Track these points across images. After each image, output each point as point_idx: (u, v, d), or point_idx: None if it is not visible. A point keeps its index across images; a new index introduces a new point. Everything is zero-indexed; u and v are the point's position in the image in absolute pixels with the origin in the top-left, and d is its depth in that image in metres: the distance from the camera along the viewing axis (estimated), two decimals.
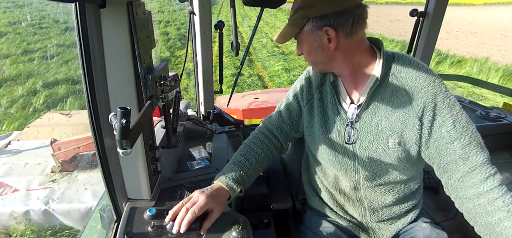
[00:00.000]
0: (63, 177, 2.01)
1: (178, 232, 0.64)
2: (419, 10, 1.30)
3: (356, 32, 0.67)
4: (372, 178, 0.74)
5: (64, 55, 7.64)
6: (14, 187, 1.85)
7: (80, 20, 0.55)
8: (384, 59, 0.69)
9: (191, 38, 1.22)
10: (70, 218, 1.74)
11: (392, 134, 0.69)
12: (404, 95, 0.68)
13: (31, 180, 1.93)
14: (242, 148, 0.84)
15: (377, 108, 0.70)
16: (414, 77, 0.67)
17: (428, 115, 0.66)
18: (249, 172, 0.78)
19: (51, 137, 2.10)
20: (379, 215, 0.79)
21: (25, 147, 2.30)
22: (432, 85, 0.66)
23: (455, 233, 0.96)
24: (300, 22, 0.68)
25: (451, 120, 0.65)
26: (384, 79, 0.70)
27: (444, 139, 0.65)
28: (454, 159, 0.65)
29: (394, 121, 0.68)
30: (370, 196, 0.77)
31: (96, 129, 0.62)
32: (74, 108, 4.55)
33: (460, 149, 0.64)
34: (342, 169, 0.77)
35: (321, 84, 0.81)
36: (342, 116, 0.75)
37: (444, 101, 0.65)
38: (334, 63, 0.71)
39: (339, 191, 0.83)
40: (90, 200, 1.80)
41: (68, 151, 2.02)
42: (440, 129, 0.65)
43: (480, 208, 0.62)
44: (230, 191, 0.73)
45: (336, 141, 0.76)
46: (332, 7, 0.64)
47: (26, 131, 2.53)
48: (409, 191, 0.78)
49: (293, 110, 0.85)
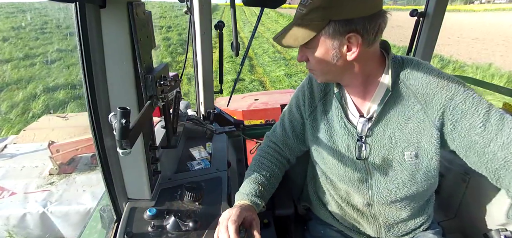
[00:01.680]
0: (61, 179, 2.00)
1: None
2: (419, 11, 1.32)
3: (376, 42, 0.60)
4: (387, 194, 0.68)
5: (66, 60, 7.64)
6: (11, 190, 1.83)
7: (80, 20, 0.55)
8: (392, 65, 0.63)
9: (191, 39, 1.22)
10: (69, 220, 1.72)
11: (408, 146, 0.63)
12: (417, 103, 0.62)
13: (28, 183, 1.91)
14: (252, 164, 0.81)
15: (389, 120, 0.64)
16: (425, 83, 0.61)
17: (448, 122, 0.59)
18: (266, 186, 0.75)
19: (48, 139, 2.08)
20: (395, 231, 0.75)
21: (22, 150, 2.28)
22: (446, 89, 0.59)
23: (455, 233, 0.96)
24: (319, 24, 0.57)
25: (479, 120, 0.56)
26: (394, 88, 0.63)
27: (479, 144, 0.57)
28: (501, 164, 0.56)
29: (409, 132, 0.62)
30: (385, 212, 0.72)
31: (96, 129, 0.62)
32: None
33: (500, 150, 0.55)
34: (353, 186, 0.72)
35: (325, 94, 0.74)
36: (351, 131, 0.68)
37: (465, 102, 0.57)
38: (346, 74, 0.63)
39: (352, 206, 0.77)
40: (89, 202, 1.78)
41: (66, 153, 2.00)
42: (469, 133, 0.57)
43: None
44: (254, 205, 0.69)
45: (346, 156, 0.70)
46: (363, 10, 0.55)
47: (23, 134, 2.51)
48: (425, 201, 0.74)
49: (296, 124, 0.80)
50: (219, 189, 0.83)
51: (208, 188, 0.81)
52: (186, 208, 0.74)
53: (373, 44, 0.60)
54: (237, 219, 0.61)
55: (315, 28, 0.58)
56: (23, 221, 1.69)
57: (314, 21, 0.58)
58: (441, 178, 1.09)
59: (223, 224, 0.62)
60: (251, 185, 0.74)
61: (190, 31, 1.15)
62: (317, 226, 0.86)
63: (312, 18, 0.58)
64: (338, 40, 0.58)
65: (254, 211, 0.68)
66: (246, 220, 0.64)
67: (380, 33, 0.59)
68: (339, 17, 0.56)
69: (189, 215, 0.71)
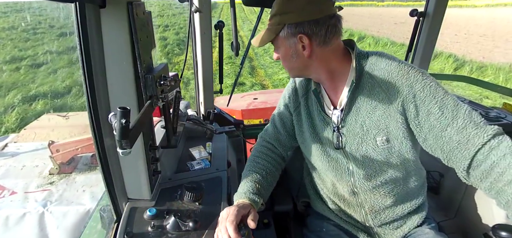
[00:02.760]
0: (61, 179, 2.00)
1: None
2: (419, 10, 1.31)
3: (330, 41, 0.68)
4: (368, 179, 0.74)
5: (54, 63, 7.28)
6: (11, 189, 1.83)
7: (80, 20, 0.55)
8: (357, 60, 0.70)
9: (191, 39, 1.22)
10: (68, 220, 1.72)
11: (379, 131, 0.69)
12: (381, 92, 0.68)
13: (28, 182, 1.91)
14: (248, 165, 0.84)
15: (359, 109, 0.71)
16: (387, 72, 0.67)
17: (409, 108, 0.65)
18: (262, 183, 0.78)
19: (48, 138, 2.08)
20: (382, 218, 0.78)
21: (22, 149, 2.27)
22: (406, 77, 0.65)
23: (455, 233, 0.96)
24: (276, 27, 0.70)
25: (436, 106, 0.63)
26: (360, 80, 0.70)
27: (436, 128, 0.63)
28: (454, 146, 0.62)
29: (377, 119, 0.69)
30: (370, 200, 0.77)
31: (96, 129, 0.62)
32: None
33: (455, 134, 0.61)
34: (337, 174, 0.77)
35: (306, 91, 0.82)
36: (328, 123, 0.76)
37: (423, 90, 0.64)
38: (309, 69, 0.73)
39: (338, 197, 0.82)
40: (88, 202, 1.78)
41: (66, 152, 2.00)
42: (428, 118, 0.64)
43: (494, 187, 0.58)
44: (253, 203, 0.71)
45: (327, 147, 0.77)
46: (307, 16, 0.66)
47: (23, 133, 2.51)
48: (410, 190, 0.77)
49: (286, 120, 0.86)
50: (219, 189, 0.83)
51: (208, 188, 0.81)
52: (186, 208, 0.74)
53: (327, 44, 0.68)
54: (235, 218, 0.63)
55: (275, 31, 0.71)
56: (22, 221, 1.69)
57: (274, 26, 0.70)
58: (441, 178, 1.09)
59: (222, 224, 0.63)
60: (247, 184, 0.76)
61: (190, 31, 1.15)
62: (316, 221, 0.88)
63: (273, 23, 0.71)
64: (292, 40, 0.69)
65: (253, 208, 0.70)
66: (244, 217, 0.66)
67: (330, 34, 0.67)
68: (290, 21, 0.68)
69: (189, 215, 0.71)
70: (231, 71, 6.82)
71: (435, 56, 8.30)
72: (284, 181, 0.92)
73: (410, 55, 1.43)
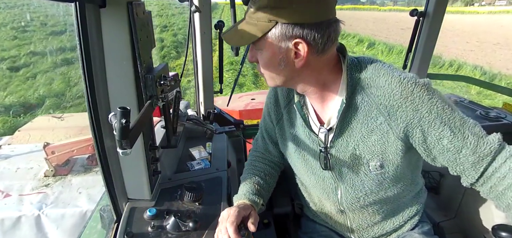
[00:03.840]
0: (57, 181, 1.97)
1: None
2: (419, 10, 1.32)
3: (328, 50, 0.57)
4: (357, 201, 0.68)
5: (36, 66, 6.39)
6: (5, 192, 1.79)
7: (80, 20, 0.55)
8: (348, 73, 0.60)
9: (191, 39, 1.22)
10: (64, 223, 1.70)
11: (373, 157, 0.61)
12: (380, 116, 0.59)
13: (23, 184, 1.88)
14: (246, 168, 0.82)
15: (352, 132, 0.62)
16: (388, 94, 0.57)
17: (415, 133, 0.58)
18: (262, 184, 0.76)
19: (43, 140, 2.05)
20: (370, 234, 0.75)
21: (17, 151, 2.23)
22: (410, 99, 0.56)
23: (455, 233, 0.97)
24: (265, 24, 0.54)
25: (447, 128, 0.56)
26: (353, 98, 0.60)
27: (450, 151, 0.57)
28: (469, 165, 0.58)
29: (373, 144, 0.60)
30: (358, 218, 0.72)
31: (96, 129, 0.62)
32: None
33: (471, 155, 0.57)
34: (324, 193, 0.72)
35: (288, 102, 0.72)
36: (314, 141, 0.67)
37: (431, 112, 0.56)
38: (296, 80, 0.61)
39: (325, 214, 0.78)
40: (85, 204, 1.76)
41: (61, 154, 1.97)
42: (440, 142, 0.57)
43: (493, 191, 0.57)
44: (253, 204, 0.69)
45: (313, 165, 0.69)
46: (311, 16, 0.53)
47: (17, 135, 2.47)
48: (402, 203, 0.73)
49: (270, 130, 0.81)
50: (219, 189, 0.83)
51: (208, 188, 0.81)
52: (186, 208, 0.74)
53: (324, 53, 0.57)
54: (235, 219, 0.61)
55: (262, 28, 0.55)
56: (18, 224, 1.66)
57: (261, 21, 0.55)
58: (441, 178, 1.10)
59: (223, 224, 0.62)
60: (247, 186, 0.75)
61: (190, 30, 1.15)
62: (308, 223, 0.88)
63: (259, 17, 0.55)
64: (285, 45, 0.55)
65: (253, 208, 0.69)
66: (245, 218, 0.65)
67: (330, 42, 0.56)
68: (286, 20, 0.53)
69: (189, 215, 0.71)
70: (232, 78, 6.20)
71: (458, 67, 7.62)
72: (283, 182, 0.92)
73: (410, 56, 1.44)
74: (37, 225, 1.66)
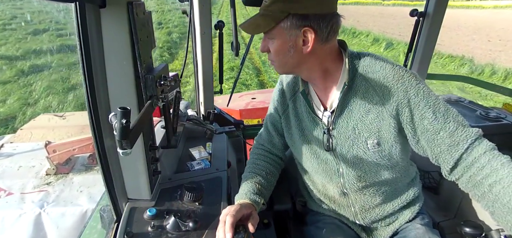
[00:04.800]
0: (58, 180, 1.98)
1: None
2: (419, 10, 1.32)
3: (330, 39, 0.66)
4: (358, 180, 0.74)
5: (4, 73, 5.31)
6: (8, 190, 1.81)
7: (80, 20, 0.55)
8: (349, 61, 0.69)
9: (191, 38, 1.22)
10: (65, 221, 1.71)
11: (370, 135, 0.69)
12: (375, 96, 0.67)
13: (25, 183, 1.89)
14: (248, 167, 0.84)
15: (351, 112, 0.70)
16: (382, 76, 0.67)
17: (404, 112, 0.66)
18: (263, 183, 0.78)
19: (45, 138, 2.06)
20: (372, 216, 0.79)
21: (19, 150, 2.25)
22: (401, 82, 0.65)
23: (455, 233, 0.97)
24: (278, 15, 0.63)
25: (430, 111, 0.64)
26: (353, 82, 0.69)
27: (429, 131, 0.65)
28: (445, 148, 0.65)
29: (370, 122, 0.68)
30: (360, 199, 0.77)
31: (96, 129, 0.62)
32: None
33: (448, 137, 0.64)
34: (327, 176, 0.77)
35: (294, 93, 0.79)
36: (318, 124, 0.74)
37: (417, 95, 0.65)
38: (302, 66, 0.69)
39: (329, 198, 0.83)
40: (86, 202, 1.77)
41: (63, 153, 1.98)
42: (422, 122, 0.65)
43: (472, 180, 0.63)
44: (254, 204, 0.71)
45: (316, 149, 0.76)
46: (317, 8, 0.62)
47: (20, 133, 2.49)
48: (399, 187, 0.78)
49: (276, 122, 0.86)
50: (219, 189, 0.83)
51: (208, 188, 0.81)
52: (186, 208, 0.74)
53: (327, 42, 0.66)
54: (236, 214, 0.63)
55: (275, 19, 0.64)
56: (19, 222, 1.67)
57: (275, 13, 0.64)
58: (441, 178, 1.10)
59: (222, 219, 0.64)
60: (248, 185, 0.76)
61: (190, 30, 1.15)
62: (313, 217, 0.89)
63: (273, 9, 0.64)
64: (294, 33, 0.64)
65: (254, 208, 0.70)
66: (245, 217, 0.66)
67: (333, 32, 0.65)
68: (296, 11, 0.62)
69: (189, 215, 0.71)
70: (233, 83, 5.72)
71: (492, 73, 6.56)
72: (283, 180, 0.92)
73: (410, 56, 1.44)
74: (38, 223, 1.67)
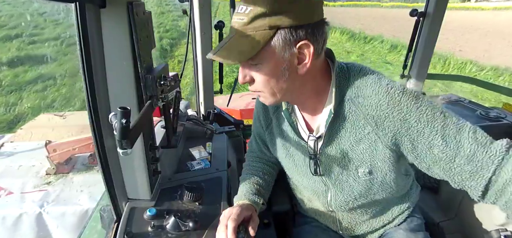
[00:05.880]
0: (58, 179, 1.98)
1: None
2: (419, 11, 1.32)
3: (322, 52, 0.55)
4: (345, 205, 0.70)
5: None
6: (8, 189, 1.81)
7: (80, 20, 0.55)
8: (336, 82, 0.58)
9: (191, 38, 1.22)
10: (65, 221, 1.71)
11: (361, 164, 0.61)
12: (367, 125, 0.57)
13: (25, 182, 1.89)
14: (244, 169, 0.83)
15: (340, 140, 0.61)
16: (375, 103, 0.55)
17: (403, 142, 0.56)
18: (262, 184, 0.76)
19: (45, 138, 2.06)
20: (359, 230, 0.77)
21: (19, 149, 2.25)
22: (398, 109, 0.54)
23: (455, 233, 0.96)
24: (266, 32, 0.49)
25: (438, 136, 0.53)
26: (341, 108, 0.59)
27: (443, 160, 0.54)
28: (467, 176, 0.53)
29: (361, 152, 0.60)
30: (347, 217, 0.75)
31: (96, 129, 0.62)
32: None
33: (466, 164, 0.52)
34: (314, 194, 0.74)
35: (277, 108, 0.71)
36: (303, 147, 0.67)
37: (420, 121, 0.53)
38: (294, 92, 0.58)
39: (315, 212, 0.81)
40: (86, 202, 1.77)
41: (63, 152, 1.98)
42: (431, 151, 0.54)
43: (509, 203, 0.51)
44: (254, 205, 0.70)
45: (303, 170, 0.70)
46: (310, 17, 0.50)
47: (20, 133, 2.49)
48: (391, 203, 0.74)
49: (262, 135, 0.81)
50: (219, 189, 0.83)
51: (208, 188, 0.81)
52: (186, 208, 0.74)
53: (320, 56, 0.56)
54: (237, 217, 0.62)
55: (263, 37, 0.49)
56: (19, 221, 1.67)
57: (259, 30, 0.49)
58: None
59: (223, 222, 0.63)
60: (247, 186, 0.75)
61: (190, 31, 1.15)
62: (301, 220, 0.88)
63: (256, 27, 0.49)
64: (289, 51, 0.51)
65: (254, 210, 0.69)
66: (246, 219, 0.65)
67: (325, 44, 0.55)
68: (287, 23, 0.49)
69: (189, 215, 0.71)
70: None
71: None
72: (281, 180, 0.92)
73: (410, 56, 1.43)
74: (39, 222, 1.67)
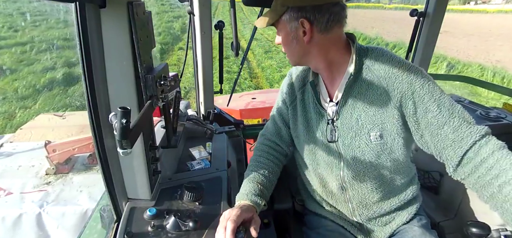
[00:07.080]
0: (58, 179, 1.98)
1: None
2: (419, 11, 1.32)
3: (331, 29, 0.68)
4: (357, 175, 0.74)
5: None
6: (7, 190, 1.81)
7: (80, 20, 0.55)
8: (357, 53, 0.71)
9: (191, 38, 1.22)
10: (65, 221, 1.71)
11: (373, 127, 0.70)
12: (380, 87, 0.69)
13: (25, 182, 1.89)
14: (251, 164, 0.84)
15: (355, 104, 0.71)
16: (387, 68, 0.68)
17: (408, 105, 0.66)
18: (265, 184, 0.78)
19: (45, 138, 2.06)
20: (369, 213, 0.79)
21: (18, 149, 2.25)
22: (406, 74, 0.66)
23: (455, 233, 0.97)
24: (280, 9, 0.70)
25: (435, 104, 0.65)
26: (359, 74, 0.71)
27: (433, 125, 0.65)
28: (449, 143, 0.64)
29: (373, 113, 0.69)
30: (358, 195, 0.77)
31: (96, 129, 0.62)
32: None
33: (451, 132, 0.64)
34: (328, 168, 0.78)
35: (303, 85, 0.82)
36: (323, 115, 0.76)
37: (423, 88, 0.65)
38: (308, 56, 0.73)
39: (327, 193, 0.83)
40: (86, 202, 1.77)
41: (62, 152, 1.98)
42: (426, 115, 0.65)
43: (480, 181, 0.61)
44: (255, 206, 0.71)
45: (319, 140, 0.77)
46: (310, 0, 0.66)
47: (19, 133, 2.48)
48: (397, 186, 0.78)
49: (284, 114, 0.87)
50: (219, 189, 0.83)
51: (208, 188, 0.81)
52: (186, 208, 0.74)
53: (328, 32, 0.68)
54: (237, 219, 0.62)
55: (278, 13, 0.70)
56: (19, 221, 1.67)
57: (277, 8, 0.70)
58: (441, 178, 1.10)
59: (222, 224, 0.63)
60: (250, 185, 0.76)
61: (190, 30, 1.15)
62: (313, 219, 0.89)
63: (276, 5, 0.71)
64: (294, 24, 0.69)
65: (255, 211, 0.69)
66: (246, 220, 0.65)
67: (333, 22, 0.68)
68: (293, 4, 0.67)
69: (189, 215, 0.71)
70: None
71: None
72: (283, 179, 0.93)
73: (410, 56, 1.44)
74: (38, 223, 1.67)
